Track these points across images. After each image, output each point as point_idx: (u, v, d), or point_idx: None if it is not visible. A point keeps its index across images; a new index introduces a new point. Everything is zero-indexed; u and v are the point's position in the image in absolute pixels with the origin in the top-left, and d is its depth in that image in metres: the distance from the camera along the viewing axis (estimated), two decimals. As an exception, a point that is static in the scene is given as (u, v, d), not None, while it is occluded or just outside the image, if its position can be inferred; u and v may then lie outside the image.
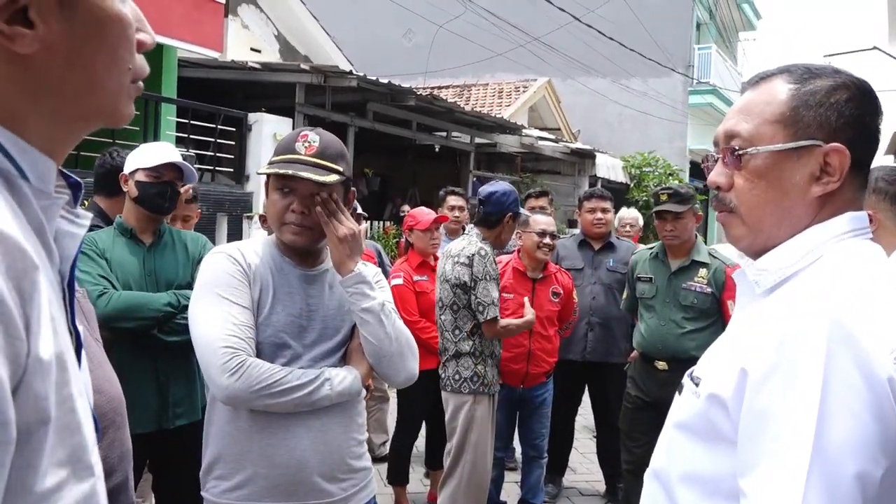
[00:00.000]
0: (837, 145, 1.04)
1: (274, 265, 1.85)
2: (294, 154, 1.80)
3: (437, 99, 9.49)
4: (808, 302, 0.96)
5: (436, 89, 14.96)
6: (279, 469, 1.75)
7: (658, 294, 3.72)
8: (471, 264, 3.26)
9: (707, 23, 21.46)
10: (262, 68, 7.78)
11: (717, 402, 1.00)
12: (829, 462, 0.87)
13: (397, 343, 1.84)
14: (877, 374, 0.89)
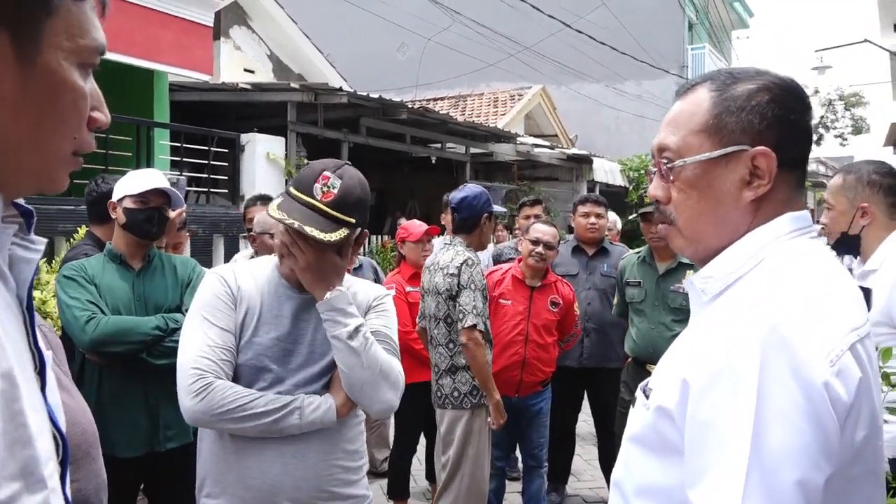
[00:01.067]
0: (762, 148, 1.03)
1: (268, 287, 1.83)
2: (310, 197, 1.74)
3: (430, 111, 9.53)
4: (743, 309, 0.95)
5: (430, 101, 15.03)
6: (252, 492, 1.74)
7: (647, 298, 3.71)
8: (458, 274, 3.27)
9: (699, 23, 21.51)
10: (253, 89, 7.83)
11: (665, 414, 0.99)
12: (768, 471, 0.85)
13: (370, 371, 1.77)
14: (813, 380, 0.87)
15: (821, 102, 30.19)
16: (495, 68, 17.58)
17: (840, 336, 0.92)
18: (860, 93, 29.89)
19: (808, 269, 1.00)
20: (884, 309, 2.25)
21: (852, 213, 2.41)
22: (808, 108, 1.07)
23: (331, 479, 1.81)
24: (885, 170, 2.48)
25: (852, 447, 0.91)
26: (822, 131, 30.69)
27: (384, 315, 1.94)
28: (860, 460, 0.93)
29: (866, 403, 0.92)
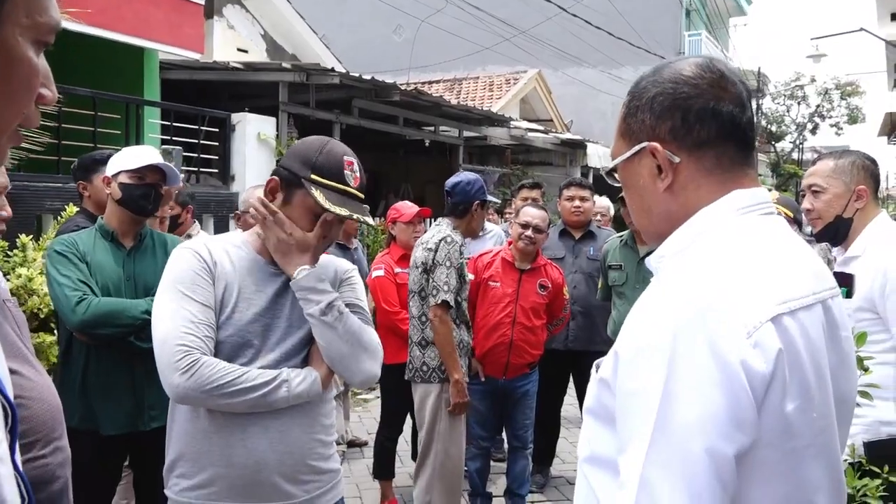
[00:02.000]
0: (651, 143, 1.09)
1: (244, 262, 1.83)
2: (345, 185, 1.80)
3: (423, 93, 9.49)
4: (667, 285, 0.99)
5: (426, 84, 14.97)
6: (237, 469, 1.74)
7: (628, 280, 3.74)
8: (436, 249, 3.30)
9: (696, 10, 21.41)
10: (245, 68, 7.78)
11: (605, 386, 1.03)
12: (675, 439, 0.88)
13: (349, 345, 1.81)
14: (724, 352, 0.89)
15: (817, 91, 30.15)
16: (491, 52, 17.49)
17: (761, 309, 0.93)
18: (856, 82, 29.85)
19: (740, 245, 1.02)
20: (866, 295, 2.27)
21: (849, 195, 2.43)
22: (708, 90, 1.07)
23: (311, 452, 1.83)
24: (870, 158, 2.54)
25: (781, 418, 0.92)
26: (818, 120, 30.66)
27: (353, 287, 1.98)
28: (793, 433, 0.94)
29: (796, 375, 0.94)
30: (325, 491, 1.87)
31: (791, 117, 30.73)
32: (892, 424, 2.26)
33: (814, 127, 30.73)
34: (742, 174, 1.09)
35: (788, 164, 29.27)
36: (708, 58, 1.13)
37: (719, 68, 1.10)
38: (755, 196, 1.08)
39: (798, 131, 30.89)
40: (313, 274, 1.79)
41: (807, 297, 0.99)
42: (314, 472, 1.83)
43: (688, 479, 0.87)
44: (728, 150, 1.08)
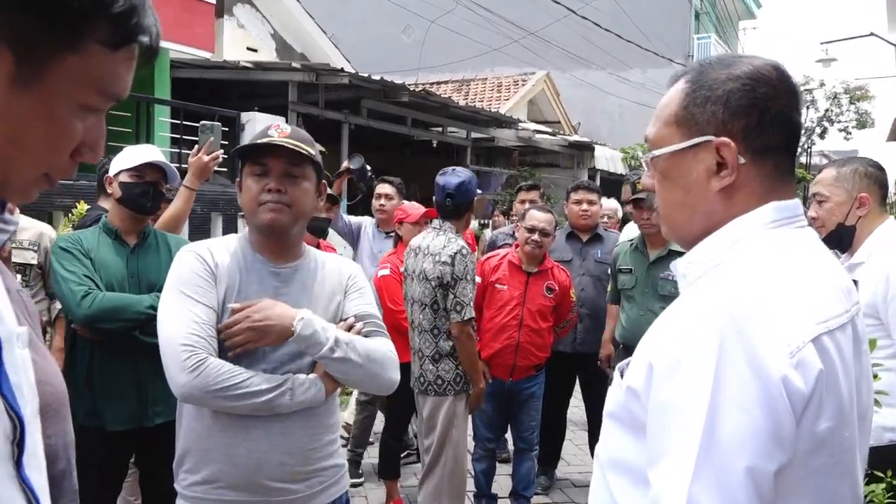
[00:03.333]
0: (723, 139, 1.04)
1: (244, 262, 1.85)
2: (267, 137, 1.82)
3: (431, 94, 9.51)
4: (708, 297, 0.97)
5: (434, 85, 14.99)
6: (239, 469, 1.76)
7: (638, 284, 3.74)
8: (453, 263, 3.24)
9: (706, 12, 21.36)
10: (254, 67, 7.81)
11: (634, 395, 1.01)
12: (718, 456, 0.88)
13: (363, 368, 1.82)
14: (768, 370, 0.89)
15: (826, 96, 30.03)
16: (500, 53, 17.49)
17: (803, 328, 0.93)
18: (865, 87, 29.73)
19: (780, 260, 1.00)
20: (869, 301, 2.28)
21: (850, 203, 2.45)
22: (784, 95, 1.06)
23: (313, 452, 1.84)
24: (876, 164, 2.55)
25: (813, 437, 0.92)
26: (827, 124, 30.53)
27: (362, 293, 1.97)
28: (823, 451, 0.94)
29: (831, 395, 0.94)
30: (327, 486, 1.89)
31: (800, 121, 30.61)
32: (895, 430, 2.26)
33: (822, 131, 30.58)
34: (787, 185, 1.08)
35: (798, 169, 29.20)
36: (772, 60, 1.09)
37: (790, 75, 1.07)
38: (792, 209, 1.06)
39: (807, 135, 30.78)
40: (307, 322, 1.77)
41: (841, 317, 0.99)
42: (316, 469, 1.85)
43: (730, 497, 0.87)
44: (786, 159, 1.07)
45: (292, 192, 1.82)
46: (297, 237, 1.93)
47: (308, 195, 1.87)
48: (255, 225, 1.87)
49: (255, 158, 1.83)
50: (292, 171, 1.82)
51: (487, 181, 13.59)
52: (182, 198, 2.96)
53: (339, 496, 1.94)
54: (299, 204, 1.84)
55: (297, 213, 1.85)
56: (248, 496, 1.77)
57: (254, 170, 1.83)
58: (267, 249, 1.88)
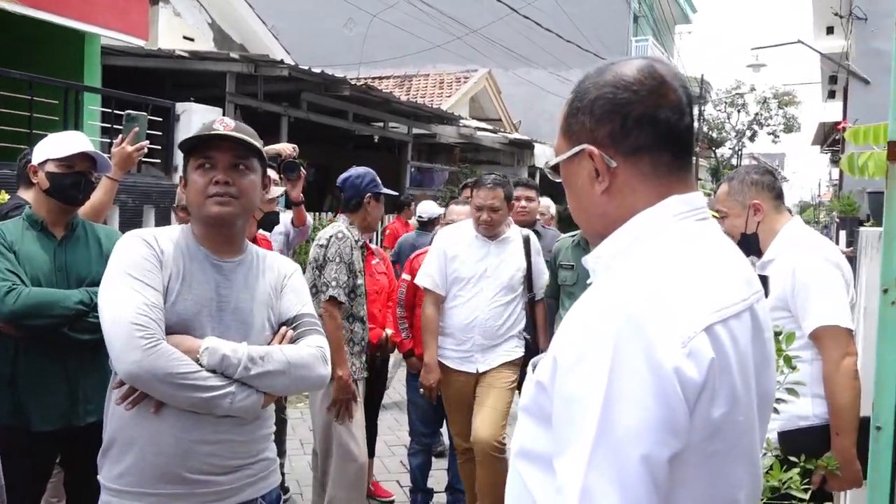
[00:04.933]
0: (587, 147, 1.10)
1: (188, 252, 1.84)
2: (212, 131, 1.82)
3: (373, 89, 9.46)
4: (606, 292, 1.00)
5: (376, 80, 14.90)
6: (163, 457, 1.74)
7: (579, 280, 3.80)
8: (327, 245, 3.32)
9: (644, 16, 21.87)
10: (191, 57, 7.62)
11: (542, 388, 1.04)
12: (613, 446, 0.91)
13: (286, 376, 1.81)
14: (661, 362, 0.92)
15: (756, 100, 31.18)
16: (442, 50, 17.53)
17: (696, 318, 0.96)
18: (793, 92, 30.98)
19: (677, 252, 1.04)
20: (780, 295, 2.39)
21: (745, 213, 2.58)
22: (648, 97, 1.08)
23: (242, 445, 1.83)
24: (761, 169, 2.73)
25: (707, 424, 0.96)
26: (756, 128, 31.72)
27: (297, 292, 1.97)
28: (718, 436, 0.97)
29: (724, 382, 0.97)
30: (256, 480, 1.88)
31: (731, 124, 31.73)
32: (809, 418, 2.38)
33: (752, 134, 31.80)
34: (678, 180, 1.10)
35: (728, 169, 30.19)
36: (651, 61, 1.12)
37: (661, 73, 1.10)
38: (691, 202, 1.10)
39: (737, 138, 31.91)
40: (212, 351, 1.74)
41: (737, 305, 1.03)
42: (246, 463, 1.84)
43: (626, 484, 0.90)
44: (664, 156, 1.09)
45: (239, 184, 1.81)
46: (241, 231, 1.92)
47: (255, 187, 1.87)
48: (201, 218, 1.85)
49: (201, 151, 1.82)
50: (239, 162, 1.82)
51: (429, 177, 13.62)
52: (104, 188, 2.86)
53: (268, 491, 1.92)
54: (247, 196, 1.83)
55: (245, 205, 1.84)
56: (172, 487, 1.74)
57: (200, 163, 1.82)
58: (210, 242, 1.87)
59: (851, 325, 2.37)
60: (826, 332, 2.33)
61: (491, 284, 3.60)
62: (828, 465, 2.29)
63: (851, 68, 15.86)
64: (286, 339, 1.88)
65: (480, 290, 3.59)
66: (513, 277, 3.63)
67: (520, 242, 3.74)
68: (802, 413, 2.37)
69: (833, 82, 21.35)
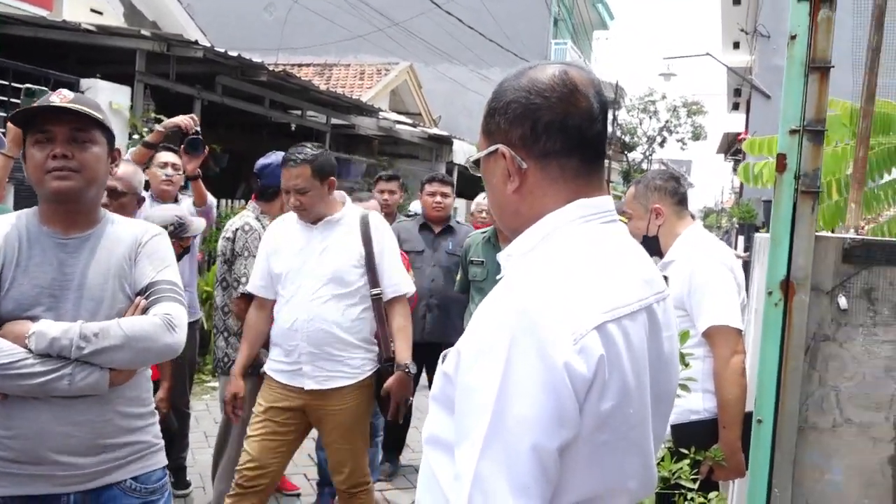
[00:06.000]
0: (499, 147, 1.14)
1: (28, 235, 1.79)
2: (48, 103, 1.76)
3: (291, 76, 9.28)
4: (506, 290, 1.05)
5: (295, 67, 14.63)
6: (20, 440, 1.71)
7: (489, 277, 3.87)
8: (234, 239, 3.26)
9: (563, 20, 22.36)
10: (98, 31, 7.26)
11: (448, 379, 1.09)
12: (504, 436, 0.96)
13: (127, 349, 1.75)
14: (552, 357, 0.97)
15: (667, 108, 32.41)
16: (364, 40, 17.39)
17: (587, 317, 1.01)
18: (700, 102, 32.41)
19: (577, 253, 1.09)
20: (677, 295, 2.52)
21: (648, 216, 2.70)
22: (558, 104, 1.12)
23: (105, 425, 1.79)
24: (667, 175, 2.84)
25: (597, 416, 1.01)
26: (666, 134, 32.98)
27: (151, 258, 1.90)
28: (607, 428, 1.03)
29: (615, 377, 1.02)
30: (127, 461, 1.84)
31: (643, 130, 32.88)
32: (700, 412, 2.52)
33: (662, 140, 33.04)
34: (586, 184, 1.14)
35: (638, 173, 31.27)
36: (566, 67, 1.15)
37: (574, 80, 1.12)
38: (597, 205, 1.14)
39: (648, 143, 33.09)
40: (40, 335, 1.70)
41: (631, 305, 1.08)
42: (112, 444, 1.80)
43: (516, 472, 0.95)
44: (572, 161, 1.13)
45: (80, 157, 1.77)
46: (91, 204, 1.87)
47: (98, 160, 1.82)
48: (43, 195, 1.81)
49: (38, 126, 1.78)
50: (78, 136, 1.78)
51: (347, 168, 13.49)
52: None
53: (143, 473, 1.88)
54: (89, 169, 1.79)
55: (88, 178, 1.79)
56: (33, 468, 1.72)
57: (37, 137, 1.78)
58: (57, 220, 1.82)
59: (741, 326, 2.51)
60: (717, 332, 2.46)
61: (311, 277, 2.92)
62: (715, 457, 2.43)
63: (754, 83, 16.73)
64: (138, 309, 1.83)
65: (300, 287, 2.92)
66: (339, 268, 2.92)
67: (356, 225, 3.02)
68: (694, 407, 2.50)
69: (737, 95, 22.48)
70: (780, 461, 2.01)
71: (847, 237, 2.11)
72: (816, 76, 1.90)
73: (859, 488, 2.07)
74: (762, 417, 2.02)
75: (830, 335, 2.05)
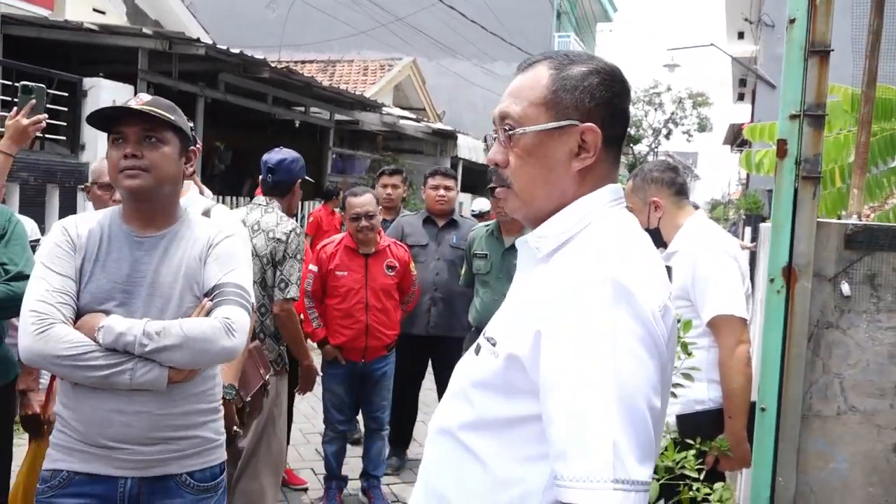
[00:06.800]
0: (591, 125, 1.14)
1: (109, 232, 1.88)
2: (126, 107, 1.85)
3: (293, 72, 9.29)
4: (589, 264, 1.07)
5: (298, 64, 14.63)
6: (85, 424, 1.82)
7: (493, 270, 3.86)
8: (287, 240, 3.21)
9: (567, 12, 22.28)
10: (100, 30, 7.28)
11: (515, 361, 1.09)
12: (626, 399, 0.99)
13: (186, 350, 1.80)
14: (651, 323, 1.03)
15: (672, 99, 32.27)
16: (367, 36, 17.37)
17: (661, 293, 1.09)
18: (706, 93, 32.23)
19: (629, 234, 1.16)
20: (682, 285, 2.50)
21: (646, 209, 2.68)
22: (627, 94, 1.21)
23: (164, 418, 1.84)
24: (664, 166, 2.82)
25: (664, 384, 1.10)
26: (672, 126, 32.84)
27: (220, 260, 1.93)
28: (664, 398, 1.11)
29: (670, 346, 1.11)
30: (183, 455, 1.89)
31: (648, 122, 32.73)
32: (705, 402, 2.50)
33: (668, 132, 32.89)
34: (616, 172, 1.23)
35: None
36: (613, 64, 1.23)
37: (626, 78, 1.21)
38: (619, 191, 1.22)
39: (654, 136, 32.95)
40: (108, 329, 1.77)
41: (668, 290, 1.15)
42: (170, 437, 1.86)
43: (640, 435, 0.99)
44: (617, 149, 1.22)
45: (150, 157, 1.84)
46: (166, 203, 1.92)
47: (169, 159, 1.87)
48: (120, 193, 1.92)
49: (114, 127, 1.86)
50: (150, 135, 1.84)
51: (351, 164, 13.50)
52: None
53: (200, 469, 1.92)
54: (159, 168, 1.85)
55: (158, 177, 1.85)
56: (95, 449, 1.82)
57: (113, 139, 1.86)
58: (134, 218, 1.90)
59: (746, 315, 2.50)
60: (722, 321, 2.45)
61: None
62: (720, 447, 2.42)
63: (759, 72, 16.63)
64: (203, 310, 1.87)
65: None
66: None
67: None
68: (699, 397, 2.48)
69: (742, 85, 22.36)
70: (784, 450, 2.01)
71: (849, 223, 2.09)
72: (816, 60, 1.89)
73: (864, 476, 2.06)
74: (766, 405, 2.01)
75: (833, 322, 2.04)
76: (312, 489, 4.29)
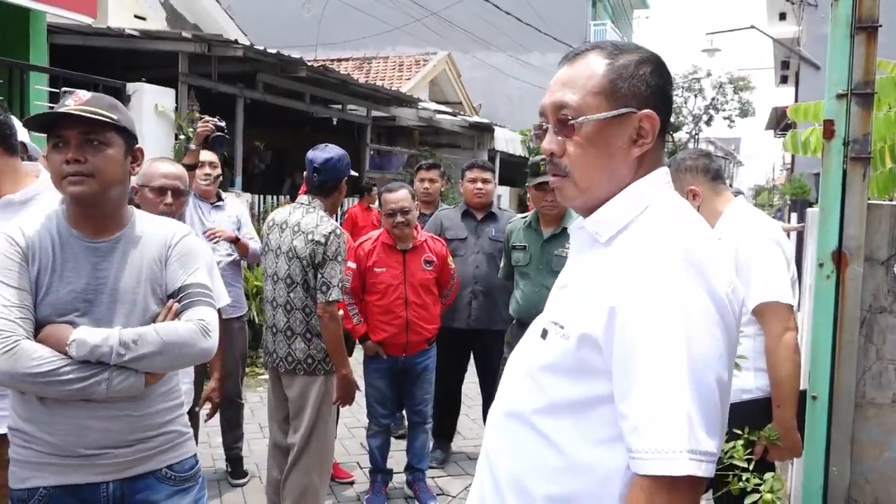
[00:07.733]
0: (649, 112, 1.19)
1: (58, 239, 1.80)
2: (64, 107, 1.76)
3: (330, 70, 9.36)
4: (660, 242, 1.11)
5: (334, 62, 14.74)
6: (59, 436, 1.77)
7: (532, 261, 3.84)
8: (326, 243, 3.18)
9: (602, 0, 21.99)
10: (141, 36, 7.43)
11: (588, 340, 1.12)
12: (697, 373, 1.03)
13: (165, 355, 1.78)
14: (722, 298, 1.07)
15: (712, 85, 31.62)
16: (402, 32, 17.40)
17: (731, 269, 1.14)
18: (747, 77, 31.50)
19: (692, 214, 1.19)
20: None
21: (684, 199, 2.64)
22: (672, 81, 1.27)
23: (143, 419, 1.84)
24: (696, 154, 2.78)
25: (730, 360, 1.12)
26: (713, 112, 32.19)
27: (182, 261, 1.91)
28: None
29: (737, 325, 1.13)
30: (159, 451, 1.89)
31: (688, 109, 32.12)
32: (752, 392, 2.45)
33: (709, 119, 32.24)
34: (664, 157, 1.28)
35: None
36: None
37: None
38: (669, 175, 1.27)
39: (694, 122, 32.34)
40: (80, 343, 1.72)
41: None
42: (147, 436, 1.86)
43: (709, 407, 1.04)
44: (665, 137, 1.27)
45: (94, 161, 1.76)
46: (114, 207, 1.85)
47: (113, 162, 1.79)
48: (65, 199, 1.83)
49: (54, 130, 1.77)
50: (91, 138, 1.76)
51: (388, 160, 13.55)
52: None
53: (177, 461, 1.93)
54: (104, 173, 1.77)
55: (103, 181, 1.77)
56: (72, 460, 1.78)
57: (54, 142, 1.77)
58: (84, 223, 1.83)
59: (792, 301, 2.44)
60: (767, 308, 2.39)
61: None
62: (769, 436, 2.37)
63: (803, 54, 16.20)
64: (171, 313, 1.85)
65: None
66: None
67: None
68: (746, 386, 2.43)
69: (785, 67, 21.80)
70: (837, 438, 1.95)
71: (902, 204, 2.02)
72: (863, 37, 1.82)
73: (922, 464, 1.99)
74: (817, 394, 1.96)
75: (887, 306, 1.97)
76: (358, 483, 4.34)
